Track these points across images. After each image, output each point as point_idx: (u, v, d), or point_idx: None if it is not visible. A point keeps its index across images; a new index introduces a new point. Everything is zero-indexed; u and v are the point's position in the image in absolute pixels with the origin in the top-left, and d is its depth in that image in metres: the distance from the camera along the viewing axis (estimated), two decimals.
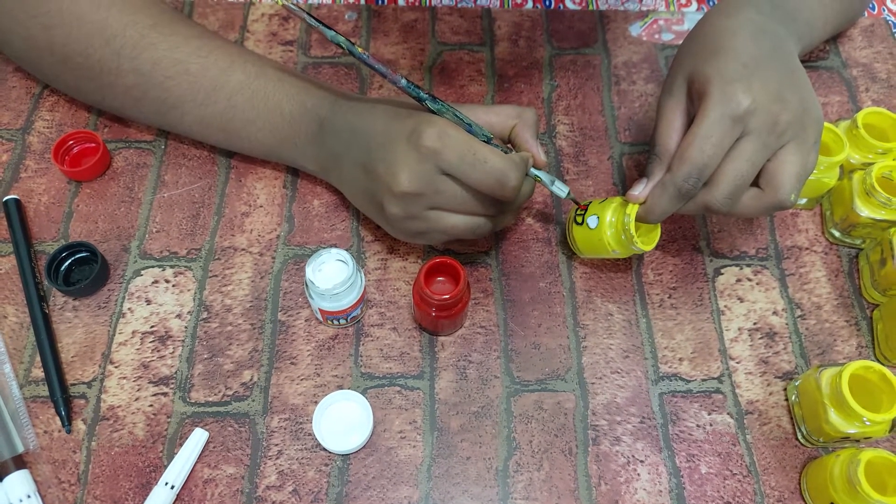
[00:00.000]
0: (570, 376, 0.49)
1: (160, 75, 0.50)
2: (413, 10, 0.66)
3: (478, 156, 0.42)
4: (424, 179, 0.43)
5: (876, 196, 0.51)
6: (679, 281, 0.53)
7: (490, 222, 0.47)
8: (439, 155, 0.42)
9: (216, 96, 0.50)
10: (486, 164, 0.42)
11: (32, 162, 0.57)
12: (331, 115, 0.49)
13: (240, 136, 0.52)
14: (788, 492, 0.46)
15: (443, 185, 0.43)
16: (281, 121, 0.50)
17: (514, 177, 0.43)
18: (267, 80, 0.50)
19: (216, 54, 0.50)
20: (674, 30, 0.66)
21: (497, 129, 0.46)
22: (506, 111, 0.46)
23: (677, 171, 0.42)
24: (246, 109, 0.50)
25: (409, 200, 0.44)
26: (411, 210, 0.45)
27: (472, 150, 0.42)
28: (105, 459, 0.46)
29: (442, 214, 0.45)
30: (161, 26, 0.50)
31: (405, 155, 0.43)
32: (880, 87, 0.63)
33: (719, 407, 0.49)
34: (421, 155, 0.42)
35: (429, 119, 0.43)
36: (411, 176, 0.43)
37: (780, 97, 0.42)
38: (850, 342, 0.52)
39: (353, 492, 0.45)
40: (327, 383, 0.49)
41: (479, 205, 0.45)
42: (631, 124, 0.61)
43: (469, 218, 0.45)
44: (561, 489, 0.46)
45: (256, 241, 0.54)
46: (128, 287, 0.52)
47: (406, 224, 0.46)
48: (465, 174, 0.42)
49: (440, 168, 0.43)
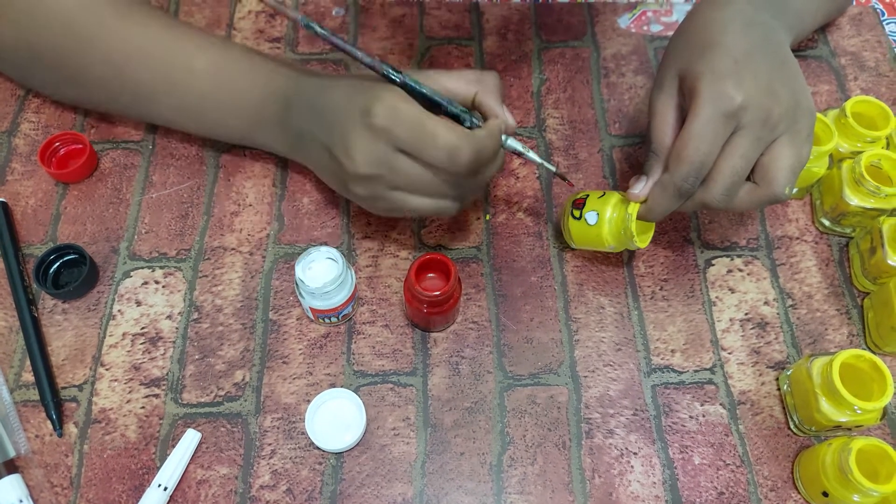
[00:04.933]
0: (563, 370, 0.49)
1: (130, 66, 0.49)
2: (401, 5, 0.66)
3: (427, 130, 0.41)
4: (380, 160, 0.42)
5: (865, 185, 0.51)
6: (670, 273, 0.53)
7: (456, 200, 0.45)
8: (390, 132, 0.41)
9: (186, 84, 0.50)
10: (435, 140, 0.41)
11: (19, 164, 0.56)
12: (295, 94, 0.48)
13: (212, 121, 0.51)
14: (781, 481, 0.46)
15: (399, 163, 0.42)
16: (249, 103, 0.50)
17: (467, 150, 0.41)
18: (233, 63, 0.50)
19: (183, 41, 0.50)
20: (662, 21, 0.66)
21: (459, 96, 0.44)
22: (465, 76, 0.45)
23: (675, 171, 0.42)
24: (215, 95, 0.50)
25: (368, 182, 0.43)
26: (374, 191, 0.44)
27: (421, 125, 0.41)
28: (97, 462, 0.46)
29: (405, 195, 0.44)
30: (129, 17, 0.50)
31: (358, 135, 0.42)
32: (869, 76, 0.63)
33: (712, 398, 0.49)
34: (373, 134, 0.41)
35: (378, 95, 0.42)
36: (366, 158, 0.42)
37: (772, 91, 0.42)
38: (841, 331, 0.52)
39: (347, 490, 0.45)
40: (320, 382, 0.49)
41: (439, 182, 0.43)
42: (621, 117, 0.60)
43: (432, 199, 0.44)
44: (555, 483, 0.46)
45: (246, 240, 0.54)
46: (117, 289, 0.51)
47: (374, 203, 0.45)
48: (417, 150, 0.41)
49: (394, 146, 0.42)
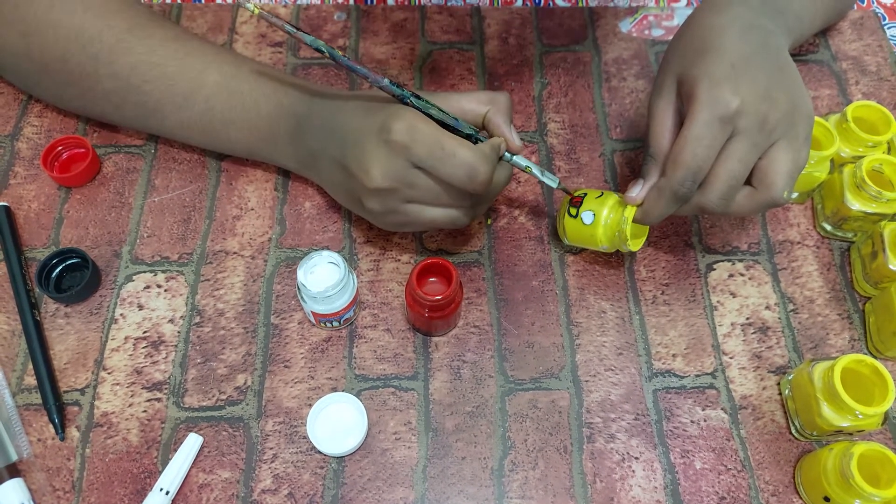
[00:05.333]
0: (564, 374, 0.49)
1: (138, 79, 0.50)
2: (402, 10, 0.66)
3: (446, 149, 0.42)
4: (397, 174, 0.43)
5: (866, 189, 0.51)
6: (671, 277, 0.53)
7: (469, 212, 0.47)
8: (409, 149, 0.42)
9: (194, 99, 0.50)
10: (454, 158, 0.42)
11: (21, 168, 0.56)
12: (307, 112, 0.48)
13: (220, 137, 0.52)
14: (783, 486, 0.46)
15: (415, 178, 0.43)
16: (259, 121, 0.50)
17: (484, 170, 0.42)
18: (243, 80, 0.50)
19: (193, 56, 0.50)
20: (663, 25, 0.66)
21: (470, 116, 0.46)
22: (478, 97, 0.46)
23: (672, 175, 0.42)
24: (224, 111, 0.50)
25: (384, 196, 0.44)
26: (388, 205, 0.45)
27: (440, 144, 0.42)
28: (99, 466, 0.46)
29: (420, 208, 0.45)
30: (137, 29, 0.50)
31: (376, 151, 0.43)
32: (870, 80, 0.63)
33: (713, 402, 0.49)
34: (391, 150, 0.42)
35: (397, 113, 0.43)
36: (383, 172, 0.43)
37: (769, 96, 0.42)
38: (842, 335, 0.52)
39: (348, 494, 0.45)
40: (321, 386, 0.49)
41: (453, 196, 0.44)
42: (622, 121, 0.60)
43: (446, 210, 0.45)
44: (556, 487, 0.46)
45: (248, 244, 0.54)
46: (119, 293, 0.52)
47: (386, 218, 0.46)
48: (434, 168, 0.42)
49: (411, 162, 0.42)
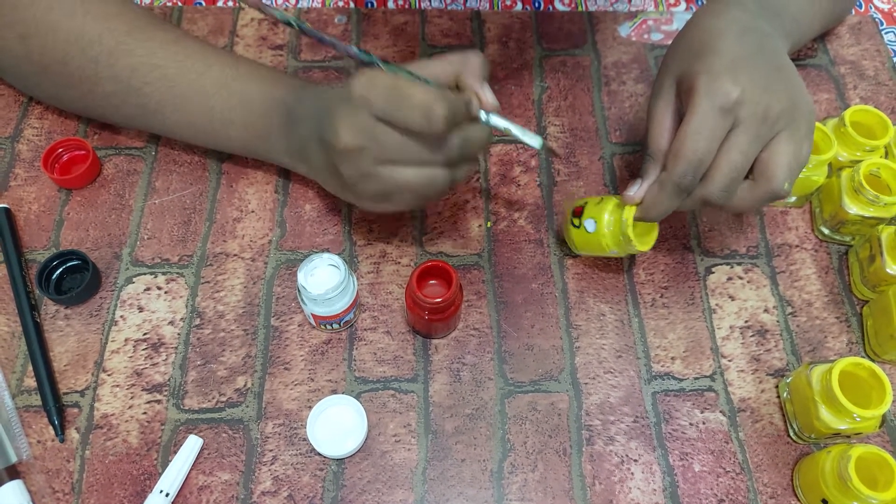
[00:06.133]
0: (564, 377, 0.50)
1: (138, 81, 0.50)
2: (403, 13, 0.66)
3: (402, 93, 0.41)
4: (362, 129, 0.42)
5: (864, 193, 0.51)
6: (670, 280, 0.54)
7: (447, 174, 0.45)
8: (367, 100, 0.42)
9: (194, 100, 0.50)
10: (410, 100, 0.41)
11: (22, 170, 0.57)
12: (297, 101, 0.49)
13: (220, 136, 0.52)
14: (781, 488, 0.47)
15: (381, 133, 0.42)
16: (254, 117, 0.50)
17: (440, 107, 0.41)
18: (243, 80, 0.50)
19: (193, 58, 0.50)
20: (663, 30, 0.66)
21: (443, 78, 0.45)
22: (449, 59, 0.45)
23: (673, 168, 0.43)
24: (224, 111, 0.50)
25: (355, 157, 0.43)
26: (361, 167, 0.44)
27: (396, 90, 0.41)
28: (99, 468, 0.46)
29: (392, 169, 0.44)
30: (137, 32, 0.50)
31: (340, 110, 0.43)
32: (868, 85, 0.64)
33: (712, 405, 0.49)
34: (353, 106, 0.42)
35: (359, 73, 0.43)
36: (348, 128, 0.43)
37: (769, 88, 0.42)
38: (840, 339, 0.52)
39: (348, 496, 0.45)
40: (321, 388, 0.49)
41: (421, 148, 0.43)
42: (621, 125, 0.61)
43: (422, 170, 0.44)
44: (556, 489, 0.46)
45: (248, 246, 0.54)
46: (120, 294, 0.52)
47: (364, 186, 0.45)
48: (393, 115, 0.41)
49: (373, 115, 0.42)
